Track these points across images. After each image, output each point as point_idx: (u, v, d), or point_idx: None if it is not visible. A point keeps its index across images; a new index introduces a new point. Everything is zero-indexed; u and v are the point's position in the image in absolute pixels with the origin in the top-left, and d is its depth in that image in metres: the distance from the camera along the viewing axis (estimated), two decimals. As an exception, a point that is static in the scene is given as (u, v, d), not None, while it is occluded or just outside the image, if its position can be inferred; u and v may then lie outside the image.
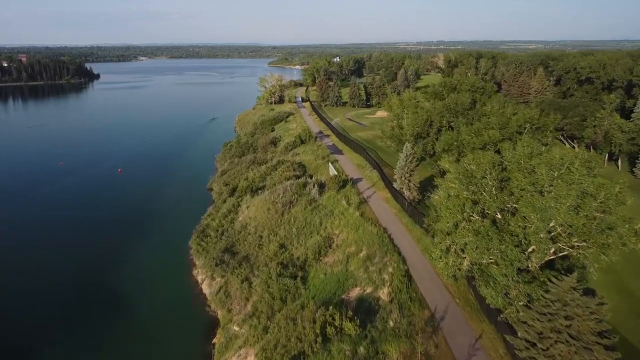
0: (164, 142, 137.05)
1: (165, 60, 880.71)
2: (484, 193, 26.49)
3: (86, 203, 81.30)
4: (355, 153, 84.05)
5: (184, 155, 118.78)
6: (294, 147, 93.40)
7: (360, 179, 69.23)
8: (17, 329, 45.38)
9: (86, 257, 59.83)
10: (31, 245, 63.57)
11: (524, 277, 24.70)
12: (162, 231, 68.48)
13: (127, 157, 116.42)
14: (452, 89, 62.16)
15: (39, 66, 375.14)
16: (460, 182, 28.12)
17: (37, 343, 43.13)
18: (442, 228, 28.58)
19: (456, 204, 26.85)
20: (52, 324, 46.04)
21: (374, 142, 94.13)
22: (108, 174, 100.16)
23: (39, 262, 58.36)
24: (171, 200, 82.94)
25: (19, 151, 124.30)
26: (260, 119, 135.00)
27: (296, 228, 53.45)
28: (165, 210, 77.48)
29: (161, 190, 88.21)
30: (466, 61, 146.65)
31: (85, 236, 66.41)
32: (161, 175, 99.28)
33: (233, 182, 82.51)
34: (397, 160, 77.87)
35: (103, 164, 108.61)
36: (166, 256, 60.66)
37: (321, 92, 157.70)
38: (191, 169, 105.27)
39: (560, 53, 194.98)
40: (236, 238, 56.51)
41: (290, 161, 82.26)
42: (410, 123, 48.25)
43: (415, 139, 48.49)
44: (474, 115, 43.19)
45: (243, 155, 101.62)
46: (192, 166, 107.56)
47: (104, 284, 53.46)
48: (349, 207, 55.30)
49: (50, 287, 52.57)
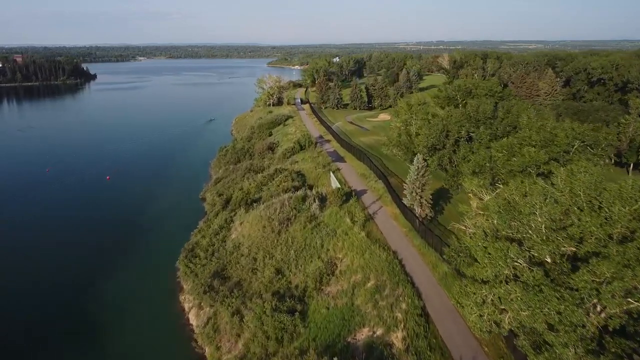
0: (158, 145, 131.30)
1: (163, 61, 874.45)
2: (530, 232, 20.82)
3: (68, 216, 75.36)
4: (359, 161, 78.22)
5: (177, 160, 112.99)
6: (293, 153, 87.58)
7: (365, 191, 63.45)
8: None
9: (61, 278, 54.00)
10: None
11: (587, 344, 18.97)
12: (149, 248, 62.69)
13: (118, 162, 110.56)
14: (467, 93, 56.52)
15: (34, 66, 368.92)
16: (500, 218, 22.40)
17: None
18: (477, 275, 22.81)
19: (498, 248, 21.10)
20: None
21: (377, 148, 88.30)
22: (95, 182, 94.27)
23: (6, 289, 52.47)
24: (161, 211, 77.11)
25: (2, 157, 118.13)
26: (258, 122, 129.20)
27: (294, 250, 47.64)
28: (154, 223, 71.64)
29: (151, 200, 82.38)
30: (473, 62, 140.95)
31: (64, 252, 60.59)
32: (152, 183, 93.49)
33: (227, 192, 76.72)
34: (404, 168, 72.31)
35: (91, 169, 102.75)
36: (152, 278, 54.80)
37: (321, 94, 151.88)
38: (184, 175, 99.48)
39: (566, 53, 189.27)
40: (227, 260, 50.68)
41: (289, 170, 76.45)
42: (424, 133, 42.36)
43: (428, 150, 42.71)
44: (498, 126, 37.33)
45: (239, 162, 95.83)
46: (185, 172, 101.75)
47: (78, 311, 47.56)
48: (353, 226, 49.51)
49: (16, 316, 46.75)
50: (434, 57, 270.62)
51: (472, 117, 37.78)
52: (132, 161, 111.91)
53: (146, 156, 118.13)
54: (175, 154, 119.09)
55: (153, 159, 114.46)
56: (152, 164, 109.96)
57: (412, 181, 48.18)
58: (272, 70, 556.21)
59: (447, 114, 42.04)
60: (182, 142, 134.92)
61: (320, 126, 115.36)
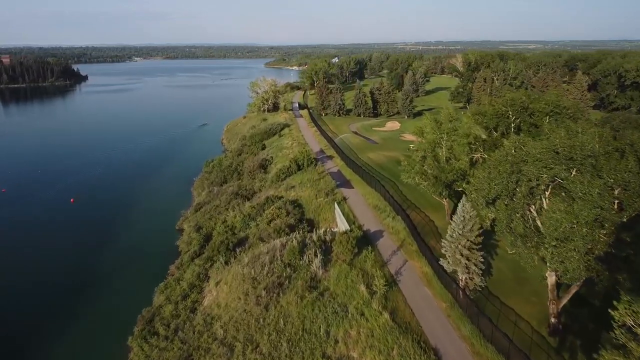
0: (139, 156, 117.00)
1: (160, 61, 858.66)
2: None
3: (9, 256, 60.62)
4: (369, 186, 63.68)
5: (156, 177, 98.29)
6: (289, 174, 73.14)
7: (381, 233, 49.09)
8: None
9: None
10: None
11: None
12: (100, 309, 47.94)
13: (89, 177, 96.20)
14: (522, 109, 42.41)
15: (21, 68, 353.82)
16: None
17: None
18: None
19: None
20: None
21: (390, 168, 73.94)
22: (57, 205, 79.65)
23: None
24: (126, 250, 62.35)
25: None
26: (250, 131, 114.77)
27: (287, 340, 33.14)
28: (114, 268, 56.76)
29: (118, 234, 67.69)
30: (491, 63, 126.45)
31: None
32: (123, 207, 78.87)
33: (207, 226, 62.34)
34: (426, 199, 57.87)
35: (56, 187, 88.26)
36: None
37: (321, 100, 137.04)
38: (161, 197, 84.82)
39: (586, 54, 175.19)
40: (195, 345, 36.16)
41: (284, 198, 62.05)
42: (482, 177, 28.04)
43: (486, 202, 28.58)
44: (610, 172, 23.13)
45: (225, 182, 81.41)
46: (163, 193, 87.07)
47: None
48: (371, 300, 35.12)
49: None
50: (446, 58, 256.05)
51: (564, 155, 24.06)
52: (103, 177, 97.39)
53: (123, 169, 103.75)
54: (155, 168, 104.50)
55: (130, 175, 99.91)
56: (128, 180, 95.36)
57: (454, 238, 33.79)
58: (270, 71, 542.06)
59: (512, 144, 27.93)
60: (166, 153, 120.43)
61: (321, 137, 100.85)
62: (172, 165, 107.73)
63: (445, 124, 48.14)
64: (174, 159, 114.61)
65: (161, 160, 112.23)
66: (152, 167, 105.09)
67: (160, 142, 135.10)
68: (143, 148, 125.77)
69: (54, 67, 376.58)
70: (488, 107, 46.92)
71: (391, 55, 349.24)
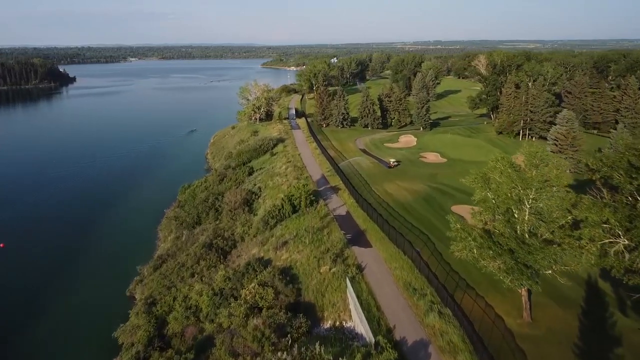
0: (110, 173, 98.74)
1: (155, 62, 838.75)
2: None
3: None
4: (393, 245, 44.62)
5: (123, 203, 79.91)
6: (280, 218, 54.27)
7: (424, 343, 30.42)
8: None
9: None
10: None
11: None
12: None
13: (37, 203, 77.96)
14: (630, 167, 24.72)
15: (3, 69, 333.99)
16: None
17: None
18: None
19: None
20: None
21: (417, 210, 55.20)
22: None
23: None
24: (53, 330, 43.72)
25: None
26: (237, 148, 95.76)
27: None
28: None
29: (45, 300, 49.13)
30: (522, 65, 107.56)
31: None
32: (67, 251, 60.66)
33: (163, 303, 43.63)
34: (485, 273, 37.89)
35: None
36: None
37: (322, 108, 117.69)
38: (120, 236, 66.13)
39: (619, 53, 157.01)
40: None
41: (272, 264, 43.29)
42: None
43: None
44: None
45: (198, 224, 62.46)
46: (124, 229, 68.47)
47: None
48: None
49: None
50: (467, 59, 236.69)
51: None
52: (56, 204, 79.15)
53: (84, 192, 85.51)
54: (124, 192, 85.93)
55: (90, 199, 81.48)
56: (84, 209, 76.73)
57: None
58: (267, 71, 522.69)
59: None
60: (142, 169, 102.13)
61: (322, 158, 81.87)
62: (144, 187, 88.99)
63: (529, 169, 29.51)
64: (149, 177, 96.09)
65: (134, 179, 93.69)
66: (120, 191, 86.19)
67: (139, 153, 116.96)
68: (117, 162, 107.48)
69: (38, 69, 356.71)
70: (587, 160, 28.31)
71: (392, 55, 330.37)
